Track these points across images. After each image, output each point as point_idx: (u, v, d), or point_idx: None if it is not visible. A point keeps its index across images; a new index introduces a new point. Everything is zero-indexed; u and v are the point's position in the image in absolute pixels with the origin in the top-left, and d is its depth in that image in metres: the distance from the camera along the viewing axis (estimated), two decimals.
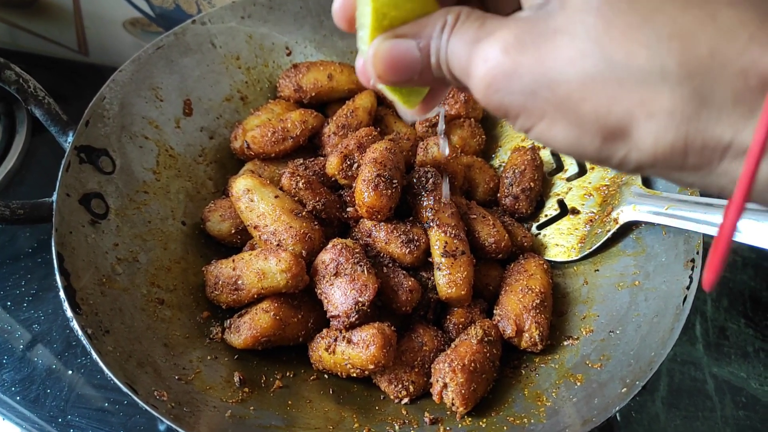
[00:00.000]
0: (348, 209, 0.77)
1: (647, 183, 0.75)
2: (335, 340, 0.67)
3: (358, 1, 0.38)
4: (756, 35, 0.27)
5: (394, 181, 0.71)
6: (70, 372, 0.81)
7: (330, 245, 0.69)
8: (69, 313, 0.61)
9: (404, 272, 0.71)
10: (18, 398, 0.78)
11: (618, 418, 0.81)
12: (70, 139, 0.72)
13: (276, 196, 0.73)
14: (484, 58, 0.33)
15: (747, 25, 0.28)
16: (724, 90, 0.28)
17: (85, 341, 0.60)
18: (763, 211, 0.57)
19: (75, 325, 0.60)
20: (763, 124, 0.27)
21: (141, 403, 0.57)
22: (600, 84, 0.30)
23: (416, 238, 0.72)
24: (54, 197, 0.67)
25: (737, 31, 0.28)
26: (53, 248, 0.64)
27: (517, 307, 0.71)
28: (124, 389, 0.57)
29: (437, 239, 0.72)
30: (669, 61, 0.28)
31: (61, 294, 0.62)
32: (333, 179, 0.79)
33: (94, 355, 0.59)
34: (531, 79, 0.32)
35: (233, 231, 0.78)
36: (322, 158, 0.82)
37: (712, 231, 0.63)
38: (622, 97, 0.29)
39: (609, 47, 0.29)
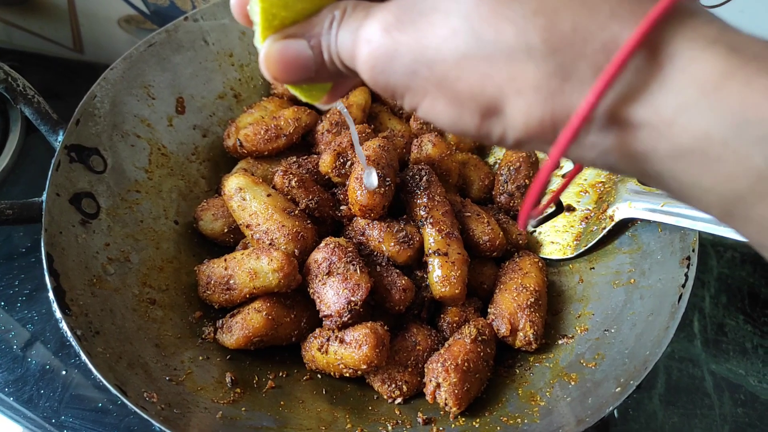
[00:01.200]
0: (341, 207, 0.76)
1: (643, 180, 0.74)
2: (328, 339, 0.66)
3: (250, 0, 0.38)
4: (616, 10, 0.28)
5: (388, 179, 0.71)
6: (63, 372, 0.80)
7: (323, 244, 0.69)
8: (58, 314, 0.60)
9: (398, 271, 0.70)
10: (11, 399, 0.78)
11: (615, 415, 0.80)
12: (60, 138, 0.72)
13: (268, 195, 0.73)
14: (366, 39, 0.34)
15: (608, 1, 0.28)
16: (586, 64, 0.28)
17: (74, 342, 0.59)
18: None
19: (64, 326, 0.60)
20: (597, 86, 0.27)
21: (130, 405, 0.56)
22: (472, 61, 0.30)
23: (410, 236, 0.72)
24: (44, 197, 0.67)
25: (599, 6, 0.28)
26: (42, 249, 0.63)
27: (511, 305, 0.70)
28: (114, 391, 0.57)
29: (431, 237, 0.71)
30: (534, 37, 0.29)
31: (51, 295, 0.61)
32: (326, 177, 0.78)
33: (84, 357, 0.58)
34: (411, 59, 0.32)
35: (226, 230, 0.78)
36: (315, 156, 0.82)
37: (709, 228, 0.62)
38: (492, 74, 0.30)
39: (479, 24, 0.30)
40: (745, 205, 0.28)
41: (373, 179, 0.68)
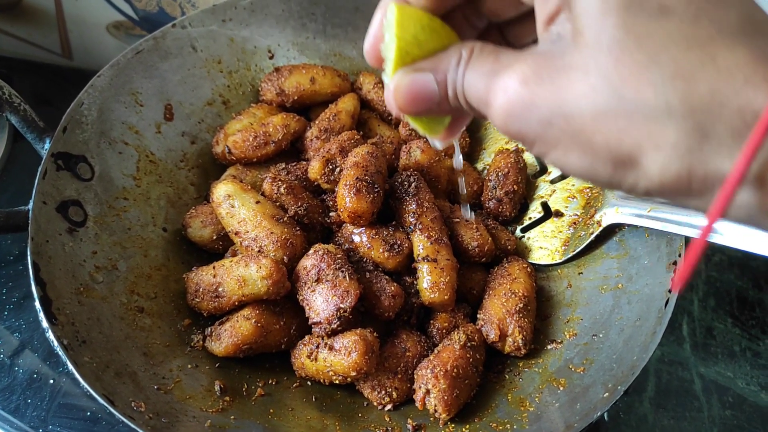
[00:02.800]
0: (330, 214, 0.76)
1: None
2: (317, 347, 0.66)
3: (385, 38, 0.41)
4: (750, 78, 0.30)
5: (377, 185, 0.71)
6: (51, 381, 0.80)
7: (312, 251, 0.69)
8: (45, 324, 0.60)
9: (387, 277, 0.70)
10: None
11: (606, 418, 0.80)
12: (47, 145, 0.71)
13: (257, 202, 0.73)
14: (503, 88, 0.36)
15: (742, 68, 0.30)
16: (723, 126, 0.30)
17: (61, 352, 0.59)
18: None
19: (50, 335, 0.59)
20: (745, 153, 0.29)
21: (118, 414, 0.56)
22: (611, 117, 0.32)
23: (399, 242, 0.72)
24: (30, 205, 0.66)
25: (734, 72, 0.30)
26: (29, 257, 0.63)
27: (500, 311, 0.70)
28: (101, 401, 0.56)
29: (420, 243, 0.71)
30: (673, 98, 0.31)
31: (37, 304, 0.61)
32: (315, 184, 0.78)
33: (71, 367, 0.58)
34: (547, 111, 0.34)
35: (215, 237, 0.77)
36: (304, 162, 0.82)
37: (694, 233, 0.63)
38: (631, 130, 0.32)
39: (619, 84, 0.32)
40: None
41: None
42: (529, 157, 0.87)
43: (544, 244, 0.81)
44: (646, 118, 0.31)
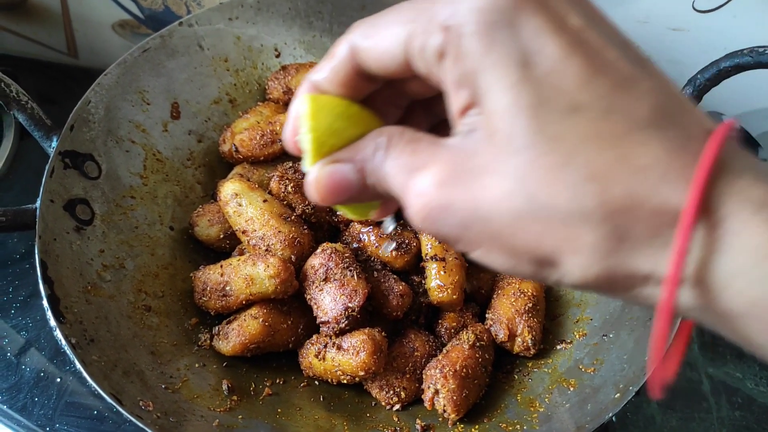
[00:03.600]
0: (338, 213, 0.76)
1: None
2: (325, 346, 0.66)
3: (301, 127, 0.39)
4: (666, 175, 0.29)
5: None
6: (58, 379, 0.80)
7: (319, 250, 0.69)
8: (52, 323, 0.60)
9: (395, 277, 0.70)
10: (5, 407, 0.77)
11: (614, 419, 0.80)
12: (54, 144, 0.71)
13: (264, 200, 0.72)
14: (418, 192, 0.35)
15: (657, 165, 0.29)
16: (641, 227, 0.30)
17: (68, 351, 0.58)
18: None
19: (59, 334, 0.59)
20: (675, 255, 0.29)
21: (126, 413, 0.56)
22: (527, 222, 0.32)
23: (407, 241, 0.71)
24: (37, 203, 0.66)
25: (648, 170, 0.29)
26: (36, 256, 0.63)
27: (509, 311, 0.70)
28: (109, 400, 0.56)
29: (428, 242, 0.71)
30: (588, 202, 0.30)
31: (45, 303, 0.60)
32: None
33: (78, 365, 0.58)
34: (464, 215, 0.33)
35: (222, 236, 0.77)
36: None
37: None
38: (548, 234, 0.31)
39: (533, 188, 0.31)
40: None
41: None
42: None
43: None
44: (562, 223, 0.31)
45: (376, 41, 0.36)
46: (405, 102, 0.44)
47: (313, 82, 0.39)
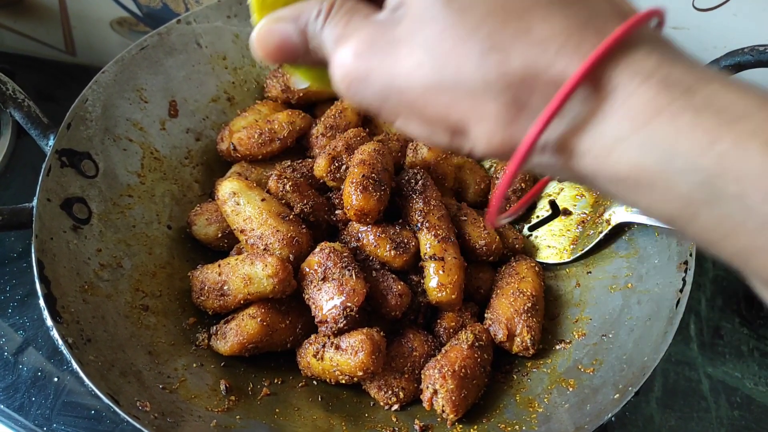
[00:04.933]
0: (336, 212, 0.76)
1: None
2: (323, 346, 0.66)
3: None
4: (564, 47, 0.31)
5: (383, 183, 0.70)
6: (56, 379, 0.79)
7: (318, 249, 0.68)
8: (49, 322, 0.59)
9: (393, 276, 0.69)
10: (2, 406, 0.77)
11: (612, 419, 0.80)
12: (51, 142, 0.71)
13: (262, 199, 0.72)
14: (339, 63, 0.36)
15: (556, 38, 0.31)
16: (538, 97, 0.31)
17: (65, 351, 0.58)
18: None
19: (55, 334, 0.59)
20: (538, 123, 0.31)
21: (123, 414, 0.55)
22: (437, 92, 0.34)
23: (405, 241, 0.71)
24: (34, 202, 0.66)
25: (548, 43, 0.31)
26: (33, 255, 0.62)
27: (508, 310, 0.69)
28: (106, 400, 0.56)
29: (427, 242, 0.70)
30: (490, 73, 0.32)
31: (41, 302, 0.60)
32: (321, 181, 0.77)
33: (75, 366, 0.57)
34: (381, 85, 0.35)
35: (220, 235, 0.77)
36: (310, 160, 0.81)
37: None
38: (456, 104, 0.33)
39: (441, 59, 0.33)
40: (679, 224, 0.31)
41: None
42: None
43: (552, 243, 0.80)
44: (468, 93, 0.32)
45: None
46: None
47: None
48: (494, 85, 0.32)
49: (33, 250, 0.63)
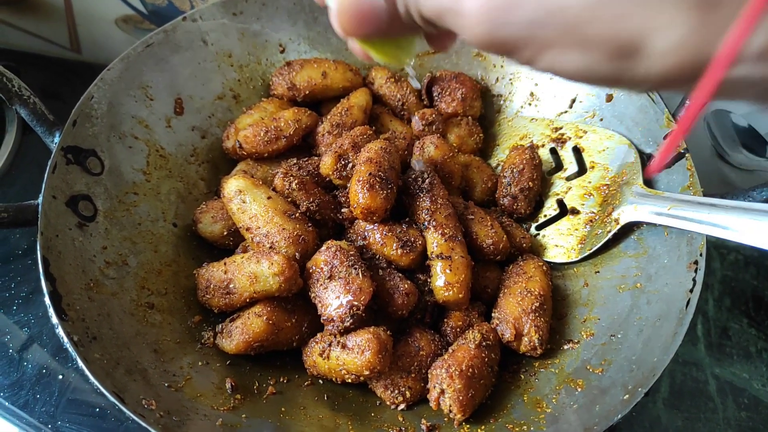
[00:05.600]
0: (342, 210, 0.75)
1: (649, 183, 0.73)
2: (330, 345, 0.65)
3: None
4: None
5: (390, 181, 0.70)
6: (60, 376, 0.79)
7: (324, 247, 0.68)
8: (54, 320, 0.59)
9: (400, 275, 0.69)
10: (7, 403, 0.77)
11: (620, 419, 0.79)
12: (56, 139, 0.70)
13: (269, 197, 0.72)
14: None
15: None
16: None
17: (70, 349, 0.58)
18: (763, 211, 0.56)
19: (60, 331, 0.58)
20: (741, 25, 0.26)
21: (128, 412, 0.55)
22: (605, 5, 0.29)
23: (412, 239, 0.71)
24: (40, 199, 0.66)
25: None
26: (38, 253, 0.62)
27: (516, 310, 0.69)
28: (111, 398, 0.56)
29: (434, 241, 0.70)
30: None
31: (47, 300, 0.60)
32: (327, 179, 0.77)
33: (80, 363, 0.57)
34: (534, 7, 0.30)
35: (225, 233, 0.77)
36: (316, 158, 0.81)
37: (717, 232, 0.61)
38: (630, 14, 0.29)
39: None
40: None
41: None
42: (544, 154, 0.85)
43: (560, 242, 0.79)
44: (642, 1, 0.29)
45: None
46: None
47: None
48: None
49: (38, 248, 0.62)
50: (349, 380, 0.65)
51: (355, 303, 0.63)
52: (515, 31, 0.31)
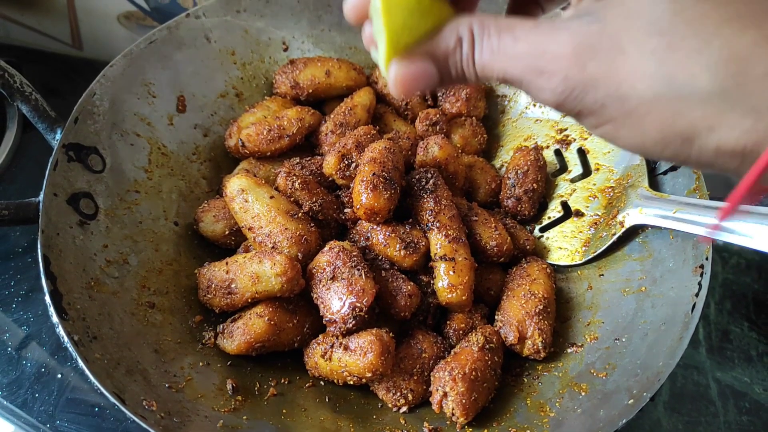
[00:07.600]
0: (345, 210, 0.75)
1: (654, 185, 0.73)
2: (332, 346, 0.65)
3: (372, 16, 0.41)
4: None
5: (394, 181, 0.69)
6: (59, 375, 0.79)
7: (327, 248, 0.67)
8: (55, 319, 0.58)
9: (403, 276, 0.69)
10: (5, 402, 0.76)
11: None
12: (58, 136, 0.70)
13: (271, 197, 0.71)
14: (553, 70, 0.36)
15: None
16: None
17: (71, 348, 0.57)
18: None
19: (61, 331, 0.58)
20: None
21: (129, 413, 0.55)
22: (665, 101, 0.34)
23: (416, 240, 0.70)
24: (41, 197, 0.65)
25: None
26: (39, 251, 0.62)
27: (519, 312, 0.69)
28: (112, 399, 0.55)
29: (437, 242, 0.69)
30: (728, 82, 0.32)
31: (47, 299, 0.59)
32: (330, 179, 0.76)
33: (81, 363, 0.57)
34: (604, 92, 0.35)
35: (227, 232, 0.76)
36: (319, 157, 0.80)
37: (722, 236, 0.61)
38: (685, 113, 0.33)
39: (673, 69, 0.33)
40: None
41: None
42: (548, 155, 0.85)
43: (564, 245, 0.79)
44: (700, 102, 0.33)
45: None
46: None
47: None
48: (731, 95, 0.32)
49: (39, 246, 0.62)
50: (351, 382, 0.65)
51: (358, 304, 0.62)
52: (584, 106, 0.37)
